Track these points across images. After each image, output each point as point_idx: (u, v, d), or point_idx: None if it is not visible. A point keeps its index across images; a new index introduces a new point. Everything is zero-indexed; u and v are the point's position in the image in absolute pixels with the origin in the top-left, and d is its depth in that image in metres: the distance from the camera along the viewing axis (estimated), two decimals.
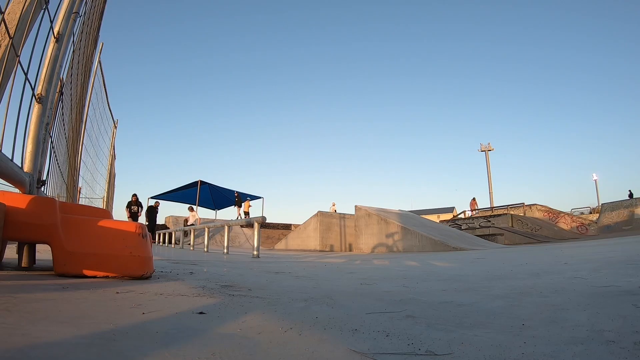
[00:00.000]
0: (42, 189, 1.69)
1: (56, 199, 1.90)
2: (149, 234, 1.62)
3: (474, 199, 19.40)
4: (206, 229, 6.47)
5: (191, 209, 14.27)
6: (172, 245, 9.81)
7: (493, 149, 25.55)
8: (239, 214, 15.67)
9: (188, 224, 12.90)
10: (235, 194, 16.59)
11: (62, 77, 2.21)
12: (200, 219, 14.38)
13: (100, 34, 4.01)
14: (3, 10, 1.36)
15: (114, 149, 8.55)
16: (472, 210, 19.05)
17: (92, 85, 5.12)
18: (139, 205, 12.58)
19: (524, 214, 15.12)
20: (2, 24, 1.33)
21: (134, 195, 12.55)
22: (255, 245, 4.40)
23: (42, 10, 1.59)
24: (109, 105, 6.85)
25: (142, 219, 13.11)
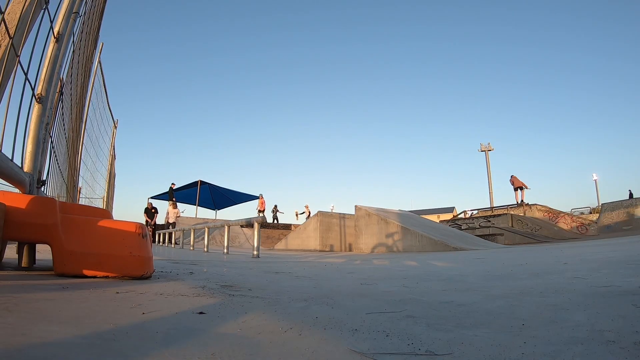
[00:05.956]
0: (42, 189, 1.68)
1: (56, 199, 1.90)
2: (149, 234, 1.62)
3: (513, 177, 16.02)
4: (206, 229, 6.47)
5: (174, 205, 12.81)
6: (172, 245, 9.81)
7: (493, 149, 25.50)
8: (172, 217, 12.45)
9: (170, 221, 12.61)
10: (171, 186, 13.69)
11: (62, 77, 2.21)
12: (179, 215, 13.19)
13: (100, 34, 4.01)
14: (3, 10, 1.36)
15: (114, 149, 8.56)
16: (516, 189, 15.94)
17: (92, 85, 5.12)
18: (156, 210, 13.36)
19: (524, 214, 15.10)
20: (2, 24, 1.33)
21: (149, 204, 13.63)
22: (255, 245, 4.40)
23: (42, 10, 1.59)
24: (109, 105, 6.86)
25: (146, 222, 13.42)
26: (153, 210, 13.31)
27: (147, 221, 12.99)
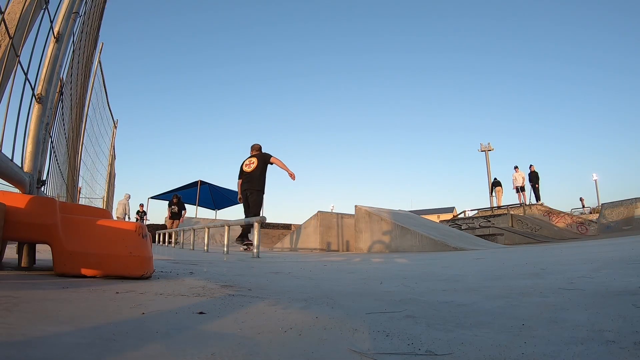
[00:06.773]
0: (42, 189, 1.68)
1: (56, 199, 1.90)
2: (149, 234, 1.62)
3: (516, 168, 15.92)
4: (206, 229, 6.46)
5: (170, 216, 12.71)
6: (172, 245, 9.81)
7: (493, 149, 25.48)
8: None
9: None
10: (174, 200, 13.27)
11: (62, 77, 2.21)
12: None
13: (100, 33, 4.00)
14: (3, 10, 1.36)
15: (114, 149, 8.56)
16: (516, 189, 15.90)
17: (92, 85, 5.12)
18: (181, 206, 13.28)
19: (524, 213, 15.09)
20: (2, 24, 1.33)
21: (175, 196, 13.45)
22: (255, 244, 4.40)
23: (42, 10, 1.59)
24: (109, 105, 6.86)
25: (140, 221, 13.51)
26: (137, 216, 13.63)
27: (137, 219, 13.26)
